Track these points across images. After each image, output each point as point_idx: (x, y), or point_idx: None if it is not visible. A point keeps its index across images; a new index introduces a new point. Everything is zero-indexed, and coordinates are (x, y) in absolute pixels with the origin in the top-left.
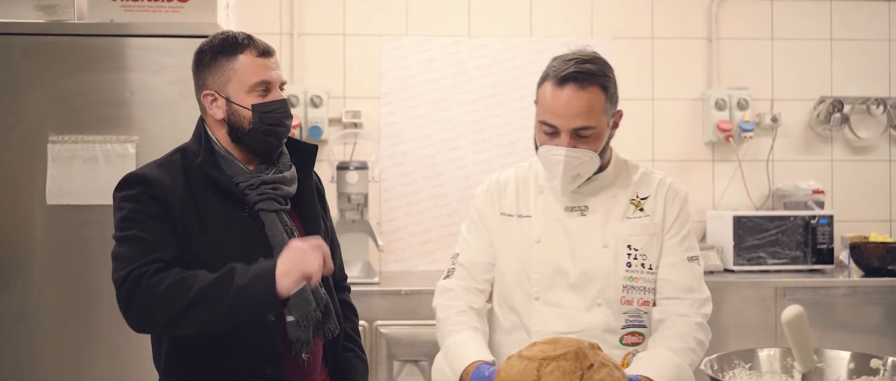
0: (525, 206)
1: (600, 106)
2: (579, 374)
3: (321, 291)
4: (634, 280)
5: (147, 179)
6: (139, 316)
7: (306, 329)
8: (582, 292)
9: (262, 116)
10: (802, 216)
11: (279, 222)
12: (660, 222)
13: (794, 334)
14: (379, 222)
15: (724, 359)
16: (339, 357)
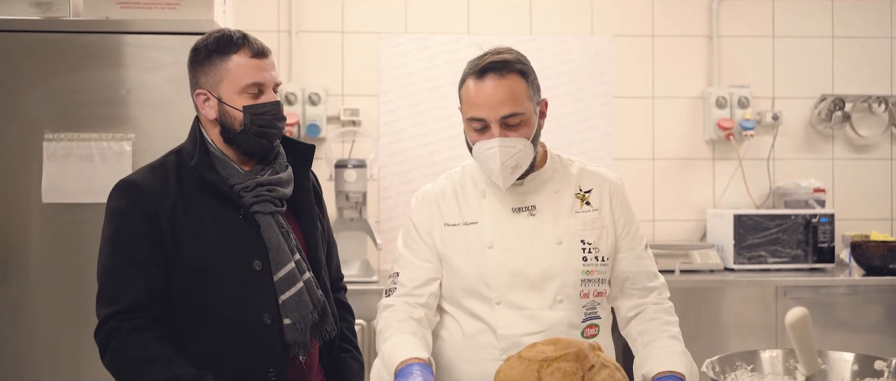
0: (469, 213)
1: (523, 92)
2: (580, 375)
3: (318, 293)
4: (591, 273)
5: (136, 188)
6: (108, 368)
7: (303, 332)
8: (542, 291)
9: (254, 118)
10: (803, 215)
11: (275, 224)
12: (608, 217)
13: (797, 336)
14: (377, 221)
15: (726, 361)
16: (335, 358)
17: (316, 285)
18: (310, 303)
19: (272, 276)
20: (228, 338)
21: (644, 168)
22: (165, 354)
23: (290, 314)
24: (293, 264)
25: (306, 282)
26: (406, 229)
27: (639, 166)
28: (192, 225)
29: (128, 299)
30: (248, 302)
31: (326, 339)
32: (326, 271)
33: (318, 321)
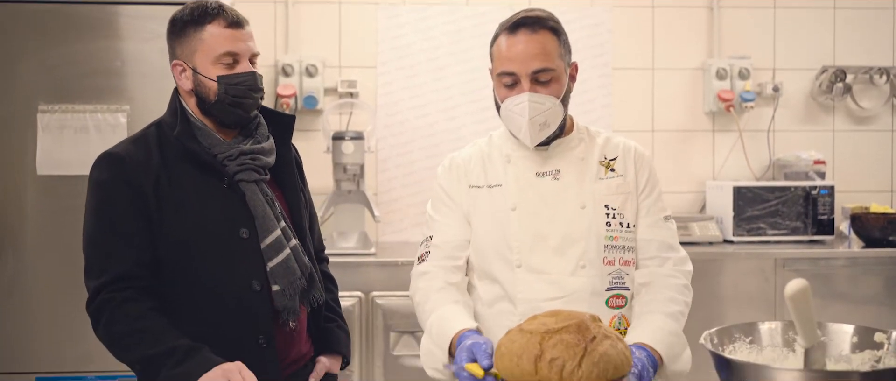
0: (494, 176)
1: (555, 49)
2: (583, 347)
3: (305, 259)
4: (614, 239)
5: (119, 160)
6: (101, 340)
7: (292, 298)
8: (565, 255)
9: (228, 88)
10: (803, 187)
11: (260, 192)
12: (632, 183)
13: (797, 308)
14: (375, 193)
15: (725, 332)
16: (321, 328)
17: (302, 252)
18: (297, 269)
19: (259, 243)
20: (218, 306)
21: (643, 140)
22: (158, 325)
23: (279, 281)
24: (279, 232)
25: (293, 249)
26: (435, 195)
27: (638, 138)
28: (177, 195)
29: (116, 269)
30: (236, 270)
31: (314, 305)
32: (310, 240)
33: (306, 286)
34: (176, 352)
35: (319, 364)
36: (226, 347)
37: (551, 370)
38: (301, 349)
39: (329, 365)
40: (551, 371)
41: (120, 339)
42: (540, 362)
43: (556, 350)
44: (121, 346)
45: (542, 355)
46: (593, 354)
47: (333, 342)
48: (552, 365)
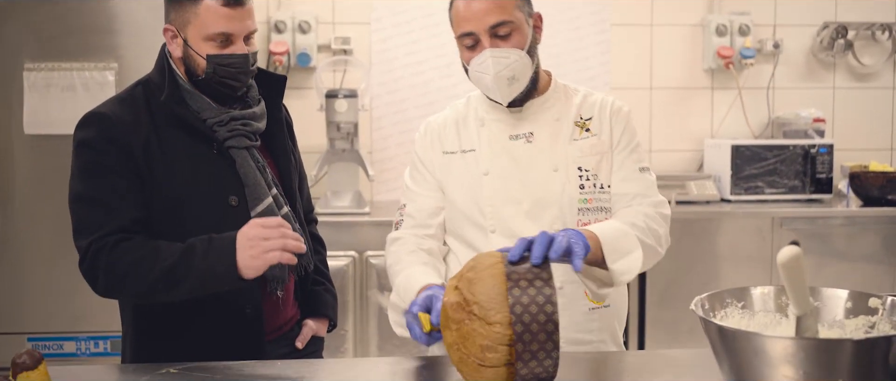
0: (468, 141)
1: (511, 1)
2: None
3: (295, 225)
4: (589, 202)
5: (106, 119)
6: (106, 291)
7: (282, 268)
8: (538, 220)
9: (217, 69)
10: (802, 145)
11: (250, 158)
12: (607, 141)
13: (790, 276)
14: (370, 152)
15: (716, 298)
16: (308, 291)
17: (293, 219)
18: None
19: (249, 211)
20: None
21: (641, 98)
22: (162, 243)
23: None
24: (271, 200)
25: (284, 217)
26: (411, 163)
27: (636, 96)
28: (166, 159)
29: (111, 224)
30: None
31: (303, 274)
32: (301, 205)
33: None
34: (194, 249)
35: (306, 328)
36: (211, 314)
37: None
38: (287, 314)
39: (316, 329)
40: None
41: (128, 273)
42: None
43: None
44: (133, 278)
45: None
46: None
47: (321, 306)
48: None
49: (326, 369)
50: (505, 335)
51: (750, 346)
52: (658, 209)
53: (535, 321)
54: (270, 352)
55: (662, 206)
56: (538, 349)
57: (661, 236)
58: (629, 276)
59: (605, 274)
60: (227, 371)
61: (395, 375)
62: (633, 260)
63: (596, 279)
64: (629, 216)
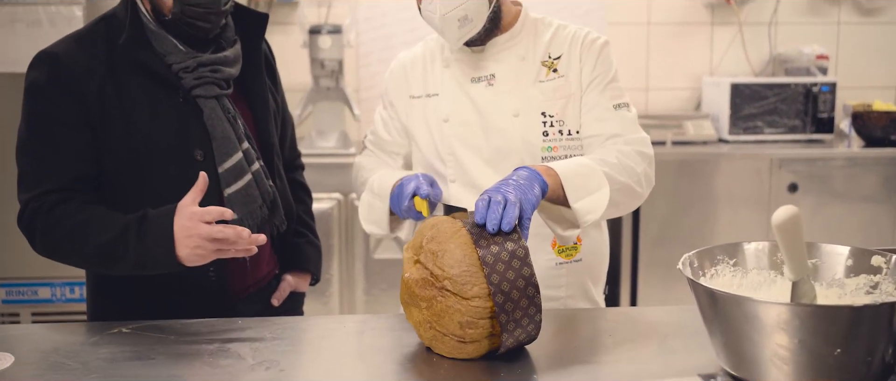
0: (432, 83)
1: None
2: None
3: (267, 184)
4: (554, 150)
5: (57, 62)
6: (45, 254)
7: (250, 228)
8: (498, 169)
9: (184, 9)
10: (804, 84)
11: (220, 108)
12: (575, 81)
13: (785, 237)
14: (356, 90)
15: (706, 255)
16: (290, 243)
17: (266, 176)
18: (258, 197)
19: (216, 167)
20: None
21: (638, 34)
22: (97, 211)
23: (237, 209)
24: (241, 154)
25: (255, 173)
26: (382, 98)
27: (633, 32)
28: (124, 107)
29: (50, 183)
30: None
31: (275, 234)
32: (279, 155)
33: (267, 215)
34: (129, 229)
35: (284, 283)
36: (171, 278)
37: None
38: (261, 270)
39: (295, 284)
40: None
41: (63, 241)
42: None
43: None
44: (68, 248)
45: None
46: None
47: (301, 259)
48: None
49: (289, 327)
50: (485, 308)
51: (741, 311)
52: (635, 147)
53: (514, 288)
54: (242, 310)
55: (642, 143)
56: (522, 316)
57: (638, 174)
58: (594, 216)
59: (570, 213)
60: (181, 330)
61: (362, 334)
62: (599, 199)
63: (560, 220)
64: (599, 153)
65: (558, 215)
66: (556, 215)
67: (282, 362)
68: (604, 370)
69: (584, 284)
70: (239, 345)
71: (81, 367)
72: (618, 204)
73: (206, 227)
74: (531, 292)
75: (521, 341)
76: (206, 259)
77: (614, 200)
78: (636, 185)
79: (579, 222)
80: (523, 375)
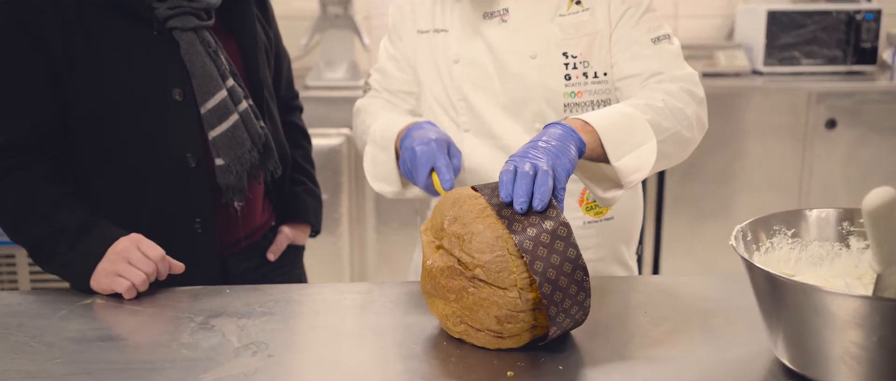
0: (442, 18)
1: None
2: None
3: (257, 125)
4: (578, 95)
5: (16, 3)
6: None
7: (239, 175)
8: (516, 116)
9: None
10: (845, 11)
11: (199, 42)
12: (603, 15)
13: (878, 224)
14: (366, 17)
15: (761, 224)
16: (286, 192)
17: (255, 117)
18: (247, 139)
19: (198, 107)
20: (144, 184)
21: None
22: (50, 197)
23: (223, 154)
24: (225, 93)
25: (243, 113)
26: (388, 29)
27: None
28: (92, 47)
29: (4, 136)
30: (166, 140)
31: (270, 180)
32: (272, 95)
33: (257, 160)
34: (65, 232)
35: (281, 235)
36: (153, 233)
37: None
38: (253, 222)
39: (292, 237)
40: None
41: (5, 216)
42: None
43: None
44: (9, 225)
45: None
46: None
47: (299, 210)
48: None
49: (282, 299)
50: (528, 300)
51: (809, 302)
52: (683, 85)
53: (561, 274)
54: (234, 267)
55: (690, 81)
56: (571, 304)
57: (688, 117)
58: (641, 174)
59: (612, 171)
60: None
61: (363, 309)
62: (645, 154)
63: (600, 179)
64: (642, 97)
65: (598, 174)
66: (596, 174)
67: (271, 344)
68: (640, 362)
69: (616, 245)
70: (224, 321)
71: (45, 349)
72: (667, 156)
73: (147, 243)
74: (580, 275)
75: (566, 328)
76: (106, 283)
77: (663, 151)
78: (687, 130)
79: (623, 182)
80: (545, 367)
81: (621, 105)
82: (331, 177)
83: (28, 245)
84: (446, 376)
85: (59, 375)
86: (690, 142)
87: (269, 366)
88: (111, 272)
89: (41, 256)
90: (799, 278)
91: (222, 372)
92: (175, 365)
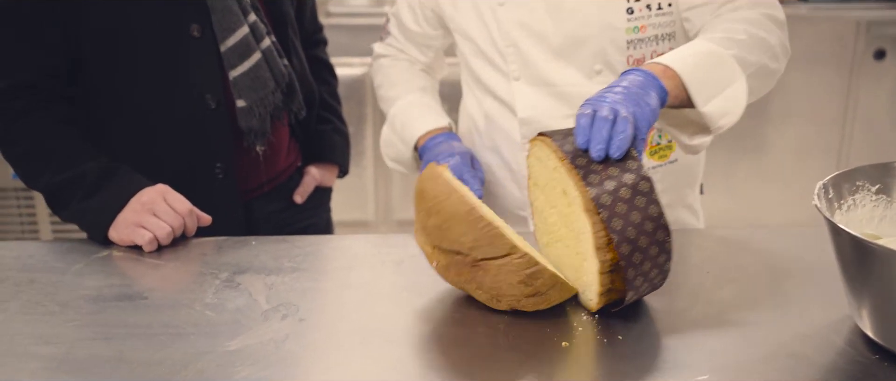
0: None
1: None
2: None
3: (281, 63)
4: (641, 30)
5: None
6: (7, 160)
7: (262, 118)
8: (572, 60)
9: None
10: None
11: None
12: None
13: None
14: None
15: (844, 180)
16: (312, 131)
17: (279, 54)
18: (270, 80)
19: (217, 45)
20: (161, 128)
21: None
22: (67, 142)
23: (245, 95)
24: (247, 29)
25: (266, 51)
26: None
27: None
28: None
29: (13, 77)
30: (184, 80)
31: (294, 121)
32: (296, 29)
33: (281, 101)
34: (85, 179)
35: (308, 176)
36: (170, 179)
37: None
38: (278, 164)
39: (320, 178)
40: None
41: (21, 161)
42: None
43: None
44: (25, 171)
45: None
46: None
47: (326, 150)
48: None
49: (311, 253)
50: (605, 262)
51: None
52: (764, 10)
53: (642, 233)
54: (259, 210)
55: (770, 5)
56: (650, 267)
57: (773, 47)
58: (732, 117)
59: (697, 114)
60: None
61: (400, 264)
62: (735, 94)
63: (684, 125)
64: (720, 29)
65: (682, 120)
66: (680, 120)
67: (301, 307)
68: (704, 330)
69: (681, 189)
70: (251, 278)
71: (59, 310)
72: (754, 91)
73: (174, 195)
74: (661, 235)
75: (643, 294)
76: (126, 234)
77: (750, 87)
78: (772, 60)
79: (711, 128)
80: (602, 335)
81: (701, 42)
82: (354, 108)
83: (45, 192)
84: (497, 347)
85: (72, 340)
86: (776, 73)
87: (301, 332)
88: (133, 223)
89: (58, 203)
90: (886, 242)
91: (250, 338)
92: (199, 329)
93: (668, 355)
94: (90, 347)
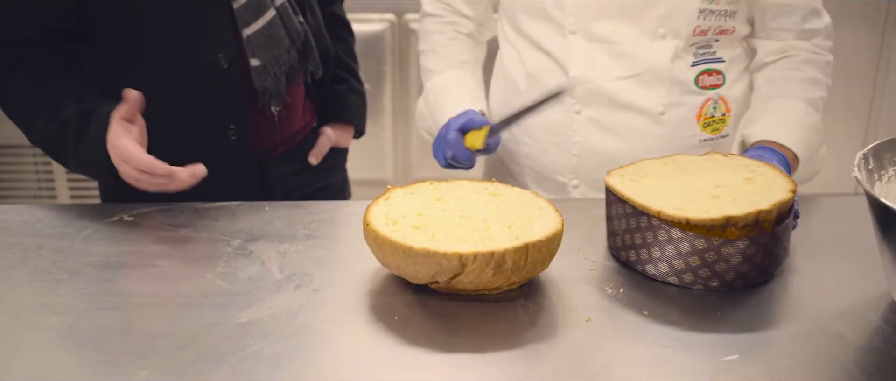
0: None
1: None
2: None
3: (296, 21)
4: (715, 2)
5: None
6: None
7: (277, 78)
8: (639, 20)
9: None
10: None
11: None
12: None
13: None
14: None
15: (884, 150)
16: (328, 91)
17: (293, 11)
18: (285, 38)
19: (230, 2)
20: (172, 88)
21: None
22: (55, 88)
23: (259, 54)
24: None
25: (280, 8)
26: None
27: None
28: None
29: (10, 32)
30: (195, 39)
31: (310, 81)
32: None
33: (296, 60)
34: (70, 124)
35: (323, 137)
36: (183, 141)
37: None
38: (293, 125)
39: (336, 138)
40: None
41: (18, 112)
42: None
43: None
44: (22, 124)
45: None
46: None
47: (343, 109)
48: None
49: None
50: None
51: None
52: (829, 44)
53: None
54: (274, 171)
55: (832, 36)
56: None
57: (830, 84)
58: (809, 179)
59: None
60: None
61: None
62: (820, 161)
63: None
64: (810, 71)
65: None
66: None
67: (315, 277)
68: (733, 304)
69: None
70: (264, 246)
71: (67, 278)
72: None
73: (139, 154)
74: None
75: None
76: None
77: None
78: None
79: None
80: (626, 310)
81: (811, 112)
82: (373, 65)
83: (42, 145)
84: (519, 323)
85: (80, 310)
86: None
87: (314, 303)
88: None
89: (57, 154)
90: None
91: (262, 309)
92: (210, 300)
93: (696, 333)
94: (98, 317)
